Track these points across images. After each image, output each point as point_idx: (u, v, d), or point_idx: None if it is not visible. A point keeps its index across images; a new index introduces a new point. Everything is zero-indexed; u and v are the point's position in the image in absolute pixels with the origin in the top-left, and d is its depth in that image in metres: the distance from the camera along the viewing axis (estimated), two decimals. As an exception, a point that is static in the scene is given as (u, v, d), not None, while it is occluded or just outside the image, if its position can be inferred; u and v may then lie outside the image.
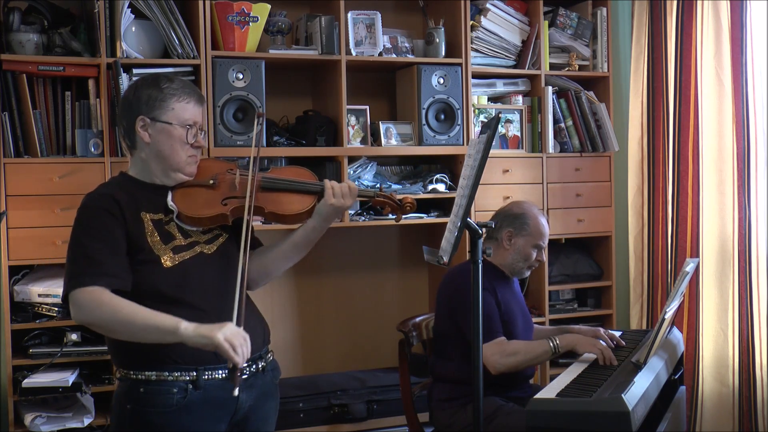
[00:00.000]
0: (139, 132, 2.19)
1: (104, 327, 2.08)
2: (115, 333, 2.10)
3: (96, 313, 2.04)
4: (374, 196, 2.37)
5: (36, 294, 3.26)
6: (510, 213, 3.05)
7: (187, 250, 2.17)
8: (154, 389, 2.10)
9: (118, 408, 2.16)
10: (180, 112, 2.19)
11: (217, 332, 1.97)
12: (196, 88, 2.29)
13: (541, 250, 3.04)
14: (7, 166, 3.24)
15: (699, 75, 3.90)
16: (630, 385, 2.39)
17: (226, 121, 3.45)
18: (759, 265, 3.72)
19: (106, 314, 2.04)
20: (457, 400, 2.92)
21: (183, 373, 2.10)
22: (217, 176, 2.27)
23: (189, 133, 2.20)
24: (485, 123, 2.66)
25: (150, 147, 2.20)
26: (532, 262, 3.04)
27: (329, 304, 4.10)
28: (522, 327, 3.02)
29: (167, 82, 2.22)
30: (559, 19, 4.15)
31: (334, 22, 3.63)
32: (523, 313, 3.09)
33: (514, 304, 3.02)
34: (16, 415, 3.27)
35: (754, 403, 3.73)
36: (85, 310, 2.05)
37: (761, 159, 3.72)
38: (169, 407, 2.09)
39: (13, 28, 3.31)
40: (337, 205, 2.26)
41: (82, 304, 2.05)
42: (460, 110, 3.84)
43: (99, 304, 2.03)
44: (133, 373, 2.13)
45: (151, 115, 2.18)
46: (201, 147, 2.25)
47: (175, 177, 2.23)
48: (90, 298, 2.04)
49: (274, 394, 2.33)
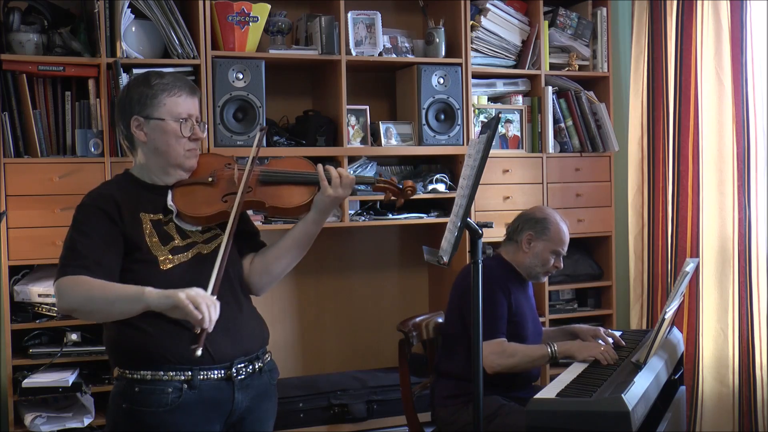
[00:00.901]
0: (135, 132, 2.19)
1: (81, 309, 2.06)
2: (92, 314, 2.09)
3: (72, 296, 2.03)
4: (375, 182, 2.36)
5: (36, 294, 3.26)
6: (532, 216, 3.07)
7: (184, 252, 2.17)
8: (149, 389, 2.09)
9: (113, 407, 2.16)
10: (172, 107, 2.18)
11: (179, 292, 1.94)
12: (187, 80, 2.27)
13: (559, 256, 3.06)
14: (7, 166, 3.24)
15: (699, 75, 3.89)
16: (630, 385, 2.39)
17: (226, 121, 3.45)
18: (759, 265, 3.72)
19: (80, 294, 2.03)
20: (460, 397, 2.92)
21: (178, 373, 2.10)
22: (216, 173, 2.25)
23: (183, 126, 2.18)
24: (485, 123, 2.66)
25: (147, 145, 2.20)
26: (550, 267, 3.05)
27: (329, 304, 4.10)
28: (531, 331, 3.04)
29: (157, 78, 2.20)
30: (559, 19, 4.15)
31: (334, 22, 3.63)
32: (533, 318, 3.10)
33: (526, 308, 3.03)
34: (16, 415, 3.27)
35: (754, 403, 3.73)
36: (64, 296, 2.04)
37: (761, 159, 3.72)
38: (163, 407, 2.09)
39: (13, 28, 3.31)
40: (334, 195, 2.22)
41: (62, 291, 2.04)
42: (460, 110, 3.84)
43: (74, 286, 2.02)
44: (128, 372, 2.12)
45: (144, 114, 2.17)
46: (199, 139, 2.23)
47: (174, 173, 2.22)
48: (68, 283, 2.03)
49: (271, 395, 2.31)
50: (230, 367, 2.15)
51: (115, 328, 2.15)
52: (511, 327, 2.92)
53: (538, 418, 2.34)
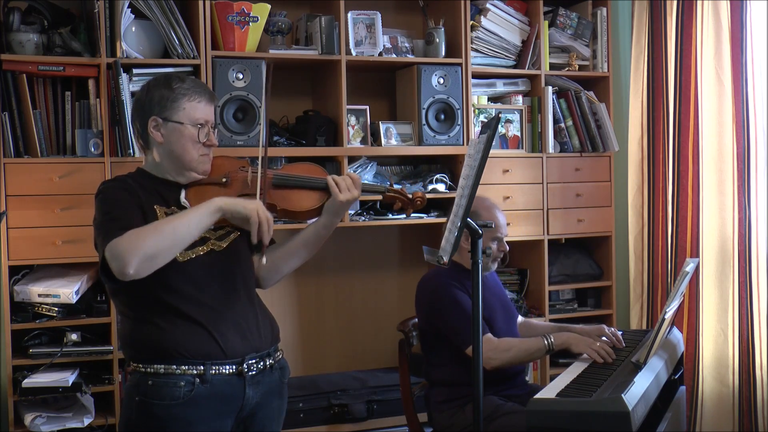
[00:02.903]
0: (152, 132, 2.22)
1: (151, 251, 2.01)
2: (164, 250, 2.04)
3: (138, 243, 2.00)
4: (385, 191, 2.41)
5: (36, 294, 3.26)
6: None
7: (199, 246, 2.19)
8: (162, 382, 2.12)
9: (127, 399, 2.19)
10: (191, 112, 2.21)
11: (252, 206, 2.09)
12: (207, 87, 2.31)
13: (501, 241, 3.02)
14: (7, 166, 3.24)
15: (699, 75, 3.90)
16: (630, 385, 2.39)
17: (226, 121, 3.45)
18: (759, 265, 3.72)
19: (147, 235, 2.02)
20: (454, 401, 2.92)
21: (191, 367, 2.12)
22: (230, 174, 2.29)
23: (200, 132, 2.22)
24: (485, 123, 2.66)
25: (163, 147, 2.23)
26: (495, 254, 3.02)
27: (329, 304, 4.10)
28: (502, 318, 3.03)
29: (179, 82, 2.24)
30: (559, 19, 4.15)
31: (334, 22, 3.63)
32: (502, 304, 3.09)
33: (489, 297, 3.00)
34: (16, 415, 3.27)
35: (754, 403, 3.74)
36: (127, 249, 2.00)
37: (761, 159, 3.72)
38: (175, 400, 2.11)
39: (13, 28, 3.31)
40: (345, 199, 2.28)
41: (121, 248, 2.00)
42: (460, 110, 3.84)
43: (137, 234, 2.02)
44: (142, 366, 2.15)
45: (163, 115, 2.21)
46: (213, 145, 2.27)
47: (188, 176, 2.26)
48: (126, 237, 2.01)
49: (281, 393, 2.34)
50: (241, 362, 2.18)
51: (130, 323, 2.19)
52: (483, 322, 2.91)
53: (538, 418, 2.33)
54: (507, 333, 3.00)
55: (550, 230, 4.09)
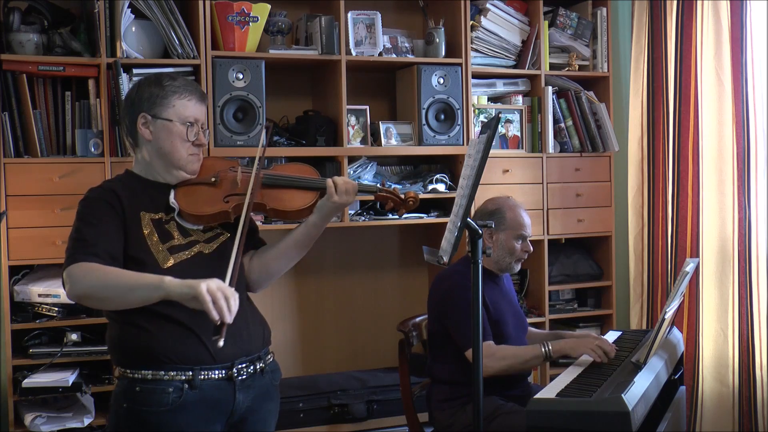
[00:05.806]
0: (141, 129, 2.21)
1: (95, 295, 2.04)
2: (106, 300, 2.06)
3: (85, 282, 2.02)
4: (377, 191, 2.39)
5: (36, 294, 3.26)
6: (485, 211, 3.03)
7: (185, 250, 2.17)
8: (150, 388, 2.10)
9: (114, 406, 2.16)
10: (180, 110, 2.20)
11: (201, 284, 1.90)
12: (198, 87, 2.30)
13: (525, 240, 3.01)
14: (7, 166, 3.24)
15: (699, 75, 3.89)
16: (630, 385, 2.39)
17: (226, 121, 3.45)
18: (759, 265, 3.72)
19: (94, 280, 2.02)
20: (455, 400, 2.92)
21: (179, 373, 2.10)
22: (219, 174, 2.28)
23: (189, 130, 2.21)
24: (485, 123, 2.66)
25: (151, 144, 2.21)
26: (519, 254, 3.01)
27: (329, 304, 4.10)
28: (513, 326, 3.02)
29: (169, 80, 2.23)
30: (559, 19, 4.15)
31: (334, 22, 3.63)
32: (514, 312, 3.08)
33: (504, 304, 3.01)
34: (16, 415, 3.27)
35: (754, 403, 3.73)
36: (76, 282, 2.02)
37: (761, 159, 3.72)
38: (164, 406, 2.09)
39: (13, 28, 3.31)
40: (340, 202, 2.27)
41: (73, 277, 2.03)
42: (460, 110, 3.84)
43: (88, 272, 2.02)
44: (130, 371, 2.13)
45: (152, 113, 2.20)
46: (202, 145, 2.25)
47: (177, 175, 2.24)
48: (80, 269, 2.02)
49: (273, 396, 2.31)
50: (231, 367, 2.15)
51: (118, 327, 2.16)
52: (493, 327, 2.90)
53: (538, 418, 2.33)
54: (516, 341, 2.99)
55: (550, 230, 4.09)
